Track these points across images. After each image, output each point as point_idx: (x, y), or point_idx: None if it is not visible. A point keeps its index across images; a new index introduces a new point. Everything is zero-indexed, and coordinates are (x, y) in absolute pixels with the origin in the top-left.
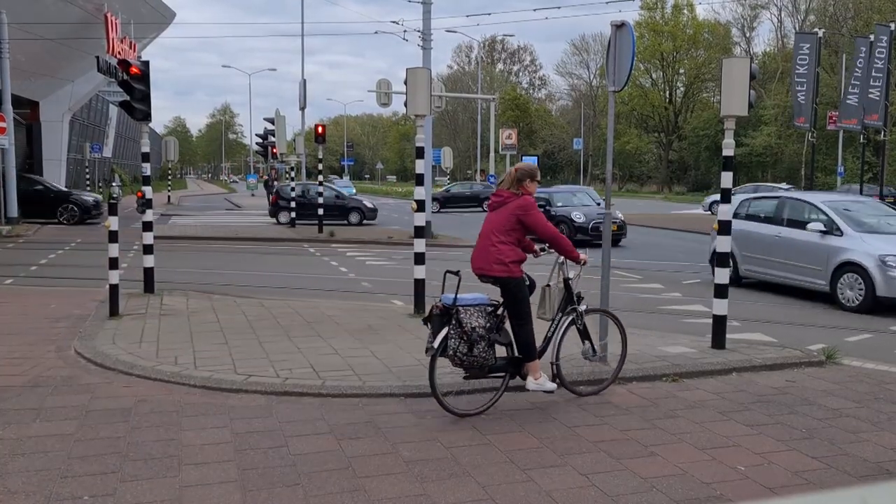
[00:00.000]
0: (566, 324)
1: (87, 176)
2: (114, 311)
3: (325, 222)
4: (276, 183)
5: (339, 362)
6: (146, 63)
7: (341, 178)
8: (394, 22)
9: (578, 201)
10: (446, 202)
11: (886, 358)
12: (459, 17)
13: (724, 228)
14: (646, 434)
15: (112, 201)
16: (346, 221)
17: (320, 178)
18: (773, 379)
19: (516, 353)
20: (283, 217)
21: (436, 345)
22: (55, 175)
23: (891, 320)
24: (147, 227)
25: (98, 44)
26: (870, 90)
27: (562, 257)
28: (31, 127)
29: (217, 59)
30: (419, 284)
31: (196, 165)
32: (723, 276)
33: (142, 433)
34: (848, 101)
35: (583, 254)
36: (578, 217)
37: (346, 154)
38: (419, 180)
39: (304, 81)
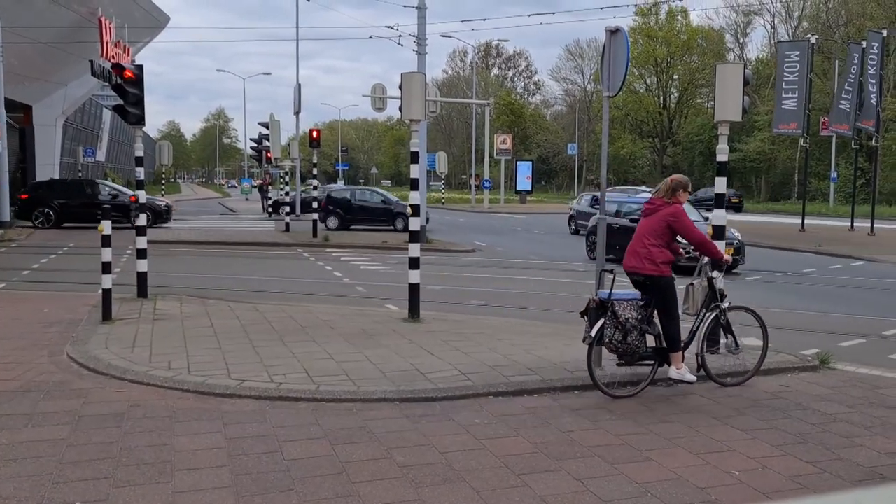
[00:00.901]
0: (710, 319)
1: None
2: (107, 316)
3: (369, 228)
4: (270, 187)
5: (333, 367)
6: (140, 67)
7: (336, 182)
8: (389, 27)
9: None
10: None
11: (880, 363)
12: (455, 23)
13: (719, 233)
14: (641, 439)
15: (105, 206)
16: (391, 227)
17: (315, 182)
18: (768, 384)
19: (663, 344)
20: (332, 222)
21: (593, 333)
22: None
23: (884, 325)
24: (140, 231)
25: (92, 48)
26: (864, 96)
27: (705, 258)
28: (24, 131)
29: (211, 63)
30: (414, 289)
31: (190, 170)
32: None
33: (134, 438)
34: (840, 107)
35: (726, 254)
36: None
37: (340, 159)
38: (414, 185)
39: (299, 86)
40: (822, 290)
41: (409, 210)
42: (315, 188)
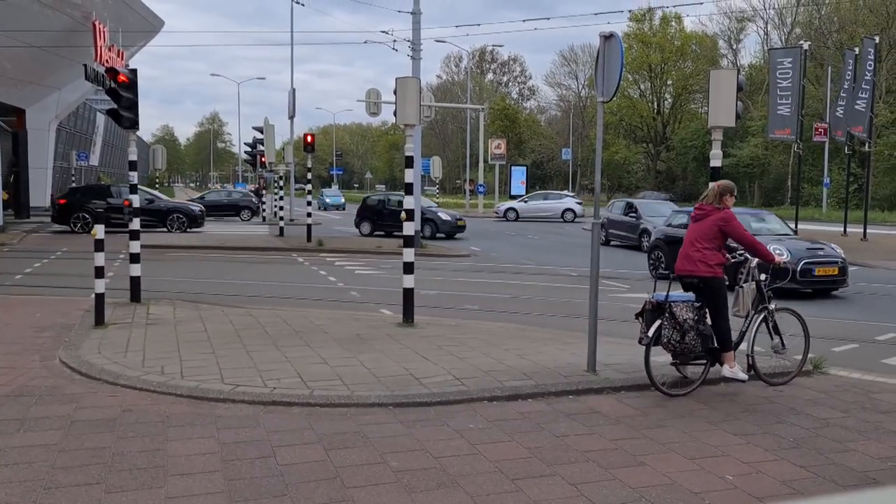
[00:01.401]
0: (759, 321)
1: (73, 184)
2: (99, 321)
3: (398, 234)
4: (263, 192)
5: (327, 372)
6: (134, 71)
7: (330, 187)
8: (383, 32)
9: (768, 230)
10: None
11: (873, 367)
12: (449, 28)
13: None
14: (635, 444)
15: (98, 210)
16: (420, 234)
17: (308, 186)
18: (761, 388)
19: (715, 344)
20: (365, 228)
21: (650, 334)
22: (41, 183)
23: (877, 330)
24: (134, 235)
25: (86, 52)
26: (856, 102)
27: (754, 261)
28: (17, 135)
29: (205, 67)
30: (408, 293)
31: (184, 174)
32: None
33: (127, 443)
34: (837, 113)
35: (778, 256)
36: (780, 253)
37: (334, 163)
38: (408, 190)
39: (294, 90)
40: (814, 294)
41: (403, 215)
42: (309, 192)
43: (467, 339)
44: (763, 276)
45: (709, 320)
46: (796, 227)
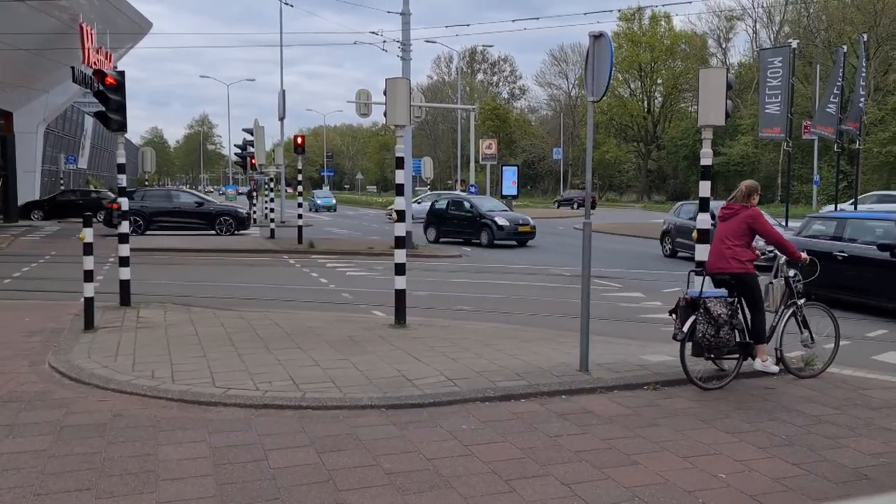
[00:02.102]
0: (788, 315)
1: (62, 187)
2: (89, 325)
3: (458, 240)
4: (255, 194)
5: (319, 374)
6: (121, 73)
7: (321, 188)
8: (373, 32)
9: None
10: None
11: (863, 364)
12: (439, 28)
13: (704, 237)
14: (628, 443)
15: (87, 213)
16: (477, 240)
17: (300, 188)
18: (753, 386)
19: (747, 339)
20: (431, 233)
21: (685, 330)
22: (29, 186)
23: (867, 327)
24: (123, 238)
25: (73, 54)
26: (858, 100)
27: (783, 258)
28: (4, 138)
29: (194, 69)
30: (400, 295)
31: (174, 177)
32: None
33: (117, 448)
34: (827, 110)
35: (803, 253)
36: None
37: (325, 164)
38: (399, 191)
39: (283, 92)
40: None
41: (393, 214)
42: (300, 194)
43: (460, 339)
44: (792, 273)
45: (740, 315)
46: (787, 224)
